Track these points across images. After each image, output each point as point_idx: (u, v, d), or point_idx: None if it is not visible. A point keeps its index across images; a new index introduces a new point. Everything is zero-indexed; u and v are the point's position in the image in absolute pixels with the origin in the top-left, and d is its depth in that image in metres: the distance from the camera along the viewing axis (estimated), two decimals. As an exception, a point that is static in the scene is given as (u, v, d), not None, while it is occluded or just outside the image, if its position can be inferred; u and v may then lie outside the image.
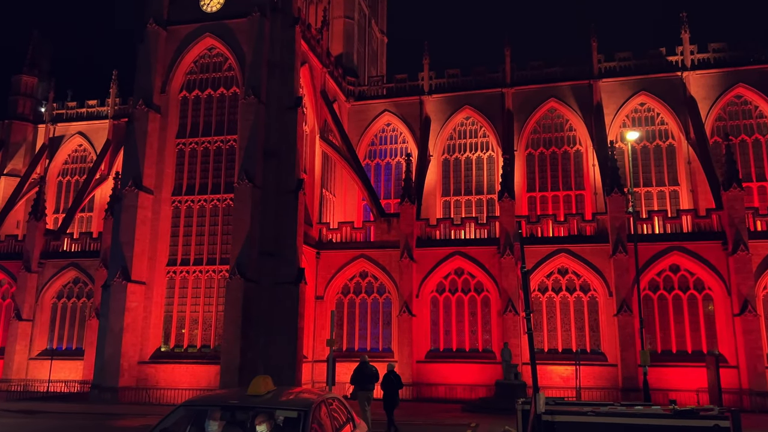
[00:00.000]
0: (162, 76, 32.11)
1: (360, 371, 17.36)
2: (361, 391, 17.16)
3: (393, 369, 17.79)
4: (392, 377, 17.66)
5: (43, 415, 22.42)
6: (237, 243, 28.32)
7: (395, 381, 17.68)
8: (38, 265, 37.56)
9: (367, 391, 17.11)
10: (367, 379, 17.21)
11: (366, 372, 17.31)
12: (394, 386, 17.56)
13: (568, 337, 31.81)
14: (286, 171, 29.83)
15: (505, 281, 31.45)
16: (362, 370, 17.35)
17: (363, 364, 17.46)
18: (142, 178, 30.31)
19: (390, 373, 17.68)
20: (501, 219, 32.40)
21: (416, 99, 41.34)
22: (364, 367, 17.40)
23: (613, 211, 31.16)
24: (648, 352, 21.96)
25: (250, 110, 29.61)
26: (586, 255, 31.77)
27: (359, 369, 17.44)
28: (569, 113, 39.49)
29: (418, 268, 33.08)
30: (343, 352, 33.59)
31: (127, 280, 28.87)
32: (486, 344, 32.55)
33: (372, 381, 17.31)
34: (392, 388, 17.53)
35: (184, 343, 30.03)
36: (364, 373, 17.31)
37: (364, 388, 17.08)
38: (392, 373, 17.71)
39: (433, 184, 40.19)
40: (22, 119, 46.54)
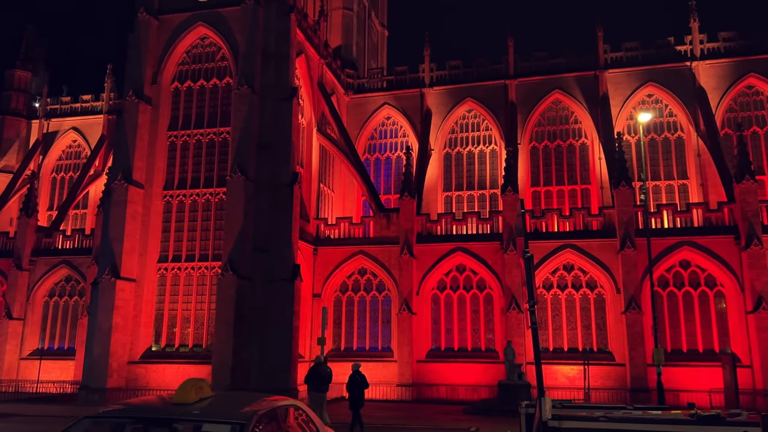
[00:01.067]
0: (153, 67, 31.10)
1: (315, 372, 16.90)
2: (314, 393, 16.74)
3: (358, 369, 17.41)
4: (358, 377, 17.27)
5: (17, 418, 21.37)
6: (229, 238, 27.28)
7: (361, 381, 17.30)
8: (29, 263, 36.60)
9: (320, 392, 16.73)
10: (321, 380, 16.77)
11: (321, 373, 16.89)
12: (360, 387, 17.17)
13: (574, 335, 30.67)
14: (280, 164, 28.78)
15: (509, 278, 30.34)
16: (317, 371, 16.89)
17: (318, 364, 17.01)
18: (132, 171, 29.30)
19: (356, 373, 17.27)
20: (504, 214, 31.29)
21: (417, 92, 40.23)
22: (320, 368, 16.96)
23: (620, 205, 30.00)
24: (662, 351, 20.80)
25: (244, 101, 28.57)
26: (593, 250, 30.63)
27: (314, 369, 16.96)
28: (574, 105, 38.32)
29: (418, 265, 31.99)
30: (341, 351, 32.57)
31: (116, 277, 27.87)
32: (489, 343, 31.44)
33: (326, 383, 16.91)
34: (358, 388, 17.17)
35: (175, 343, 29.03)
36: (319, 374, 16.86)
37: (318, 389, 16.67)
38: (358, 373, 17.31)
39: (434, 179, 39.08)
40: (15, 114, 45.60)
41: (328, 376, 17.22)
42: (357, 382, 17.24)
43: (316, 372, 17.04)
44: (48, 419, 20.86)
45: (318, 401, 16.88)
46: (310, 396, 17.13)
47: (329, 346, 32.69)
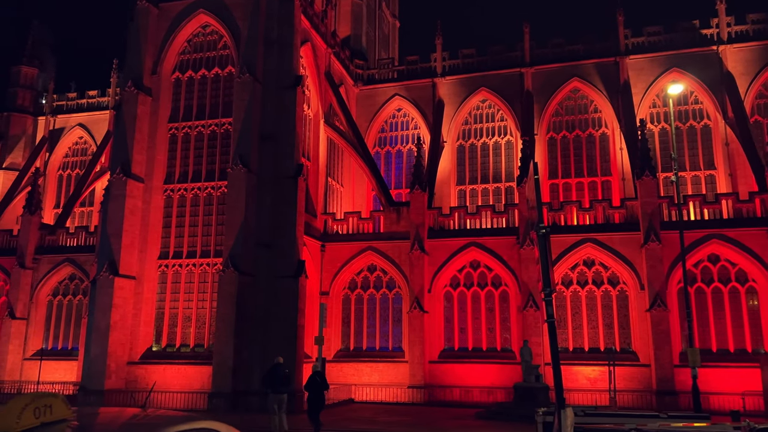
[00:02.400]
0: (153, 57, 30.00)
1: (272, 373, 16.45)
2: (272, 394, 16.30)
3: (318, 369, 16.93)
4: (318, 378, 16.75)
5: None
6: (230, 233, 26.06)
7: (321, 382, 16.78)
8: (33, 261, 35.72)
9: (279, 394, 16.31)
10: (279, 381, 16.36)
11: (279, 374, 16.43)
12: (320, 388, 16.66)
13: (595, 334, 29.00)
14: (284, 155, 27.50)
15: (525, 274, 28.75)
16: (275, 372, 16.43)
17: (276, 366, 16.57)
18: (131, 165, 28.21)
19: (315, 374, 16.75)
20: (520, 207, 29.67)
21: (429, 82, 38.72)
22: (278, 369, 16.50)
23: (644, 196, 28.27)
24: (697, 351, 18.97)
25: (245, 89, 27.33)
26: (615, 245, 28.93)
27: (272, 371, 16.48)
28: (594, 93, 36.55)
29: (430, 261, 30.53)
30: (351, 351, 31.24)
31: (114, 275, 26.78)
32: (505, 343, 29.87)
33: (285, 384, 16.52)
34: (318, 389, 16.68)
35: (176, 342, 27.88)
36: (277, 376, 16.42)
37: (277, 390, 16.27)
38: (318, 374, 16.79)
39: (447, 172, 37.56)
40: (21, 111, 44.95)
41: (286, 377, 16.72)
42: (317, 383, 16.66)
43: (274, 373, 16.53)
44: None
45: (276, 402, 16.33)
46: (269, 398, 16.50)
47: (337, 346, 31.38)
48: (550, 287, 5.60)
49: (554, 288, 5.52)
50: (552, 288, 5.55)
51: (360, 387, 29.67)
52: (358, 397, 29.30)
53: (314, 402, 16.66)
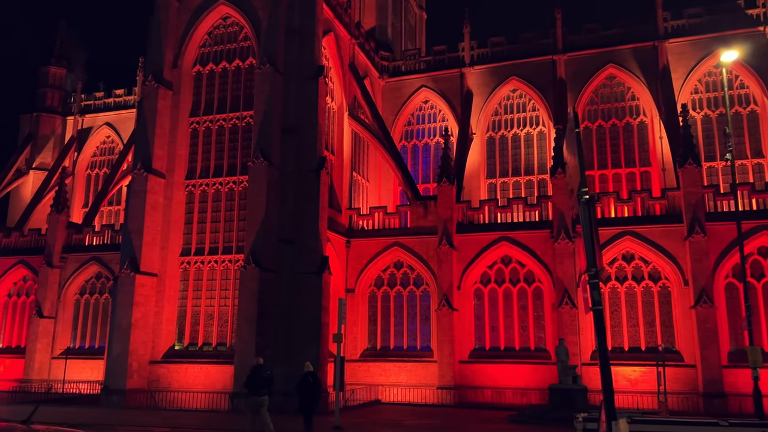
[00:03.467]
0: (174, 50, 29.45)
1: (254, 375, 15.97)
2: (253, 396, 15.87)
3: (310, 370, 16.42)
4: (310, 379, 16.26)
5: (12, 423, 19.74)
6: (251, 229, 25.28)
7: (314, 383, 16.28)
8: (60, 260, 35.61)
9: (259, 396, 15.77)
10: (261, 383, 15.85)
11: (260, 376, 15.93)
12: (312, 388, 16.17)
13: (635, 333, 27.38)
14: (306, 148, 26.61)
15: (560, 270, 27.32)
16: (257, 373, 15.96)
17: (257, 367, 16.11)
18: (152, 160, 27.69)
19: (307, 374, 16.26)
20: (554, 199, 28.25)
21: (457, 72, 37.42)
22: (259, 370, 16.01)
23: (687, 186, 26.57)
24: (759, 349, 17.27)
25: (266, 80, 26.53)
26: (656, 238, 27.26)
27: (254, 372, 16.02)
28: (631, 80, 34.77)
29: (459, 257, 29.29)
30: (378, 351, 30.22)
31: (135, 272, 26.28)
32: (539, 342, 28.46)
33: (266, 386, 15.96)
34: (309, 390, 16.20)
35: (198, 341, 27.24)
36: (258, 377, 15.90)
37: (257, 393, 15.76)
38: (310, 374, 16.30)
39: (476, 166, 36.22)
40: (50, 112, 45.14)
41: (268, 379, 16.12)
42: (308, 384, 16.18)
43: (256, 375, 15.99)
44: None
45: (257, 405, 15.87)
46: (248, 401, 16.10)
47: (364, 346, 30.40)
48: (596, 267, 4.43)
49: (602, 268, 4.35)
50: (599, 268, 4.40)
51: (387, 387, 28.63)
52: (386, 398, 28.26)
53: (306, 404, 16.22)
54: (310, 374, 16.37)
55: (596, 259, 4.45)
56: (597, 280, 4.54)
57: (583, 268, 4.62)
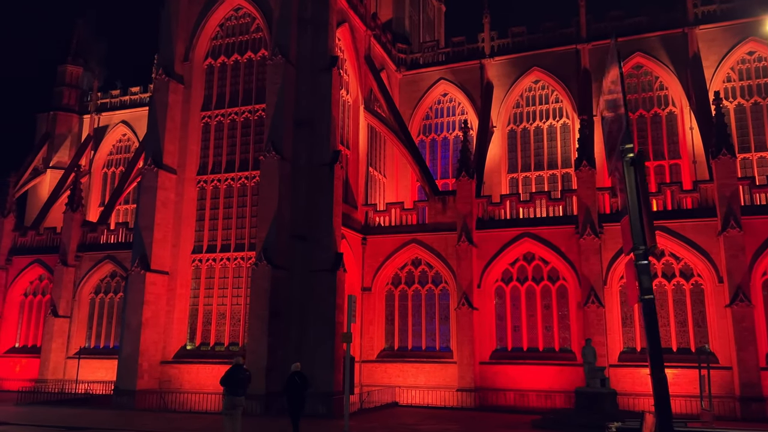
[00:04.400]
0: (185, 43, 28.78)
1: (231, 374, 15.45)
2: (229, 396, 15.29)
3: (298, 370, 15.95)
4: (297, 379, 15.80)
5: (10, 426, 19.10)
6: (263, 225, 24.45)
7: (301, 384, 15.80)
8: (75, 259, 35.24)
9: (235, 396, 15.25)
10: (238, 383, 15.33)
11: (238, 376, 15.41)
12: (300, 389, 15.68)
13: (666, 333, 25.97)
14: (320, 142, 25.72)
15: (586, 267, 26.04)
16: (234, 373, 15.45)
17: (236, 367, 15.59)
18: (163, 155, 27.05)
19: (295, 373, 15.81)
20: (579, 192, 26.97)
21: (476, 63, 36.24)
22: (237, 370, 15.50)
23: (721, 178, 25.10)
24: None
25: (278, 72, 25.70)
26: (687, 233, 25.83)
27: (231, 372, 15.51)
28: (659, 69, 33.26)
29: (479, 254, 28.16)
30: (395, 351, 29.22)
31: (145, 270, 25.63)
32: (564, 342, 27.21)
33: (243, 386, 15.48)
34: (297, 390, 15.69)
35: (210, 341, 26.50)
36: (235, 377, 15.39)
37: (234, 393, 15.22)
38: (297, 373, 15.85)
39: (497, 160, 35.01)
40: (67, 110, 44.95)
41: (246, 379, 15.60)
42: (296, 384, 15.72)
43: (233, 375, 15.45)
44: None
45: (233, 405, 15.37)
46: (225, 401, 15.53)
47: (381, 346, 29.42)
48: (646, 245, 3.38)
49: (654, 245, 3.30)
50: (650, 246, 3.35)
51: (405, 389, 27.62)
52: (404, 400, 27.26)
53: (294, 404, 15.66)
54: (297, 374, 15.90)
55: (646, 235, 3.40)
56: (647, 262, 3.48)
57: (628, 248, 3.56)
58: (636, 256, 3.43)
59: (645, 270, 3.39)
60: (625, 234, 3.65)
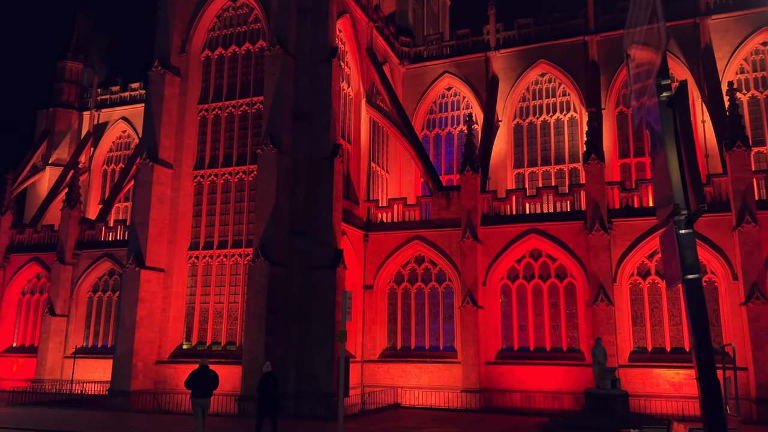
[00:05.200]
0: (182, 34, 28.09)
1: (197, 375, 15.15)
2: (194, 398, 15.10)
3: (269, 370, 15.75)
4: (270, 380, 15.55)
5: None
6: (261, 220, 23.70)
7: (274, 384, 15.58)
8: (73, 256, 34.60)
9: (201, 398, 15.04)
10: (204, 385, 15.07)
11: (204, 377, 15.14)
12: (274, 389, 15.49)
13: (678, 332, 25.06)
14: (319, 135, 24.96)
15: (595, 264, 25.15)
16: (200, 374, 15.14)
17: (202, 368, 15.30)
18: (158, 149, 26.34)
19: (268, 375, 15.59)
20: (587, 187, 26.08)
21: (481, 56, 35.37)
22: (203, 371, 15.21)
23: (735, 171, 24.16)
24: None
25: (276, 63, 24.94)
26: (700, 228, 24.78)
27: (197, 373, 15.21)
28: (670, 60, 32.17)
29: (484, 251, 27.31)
30: (398, 351, 28.42)
31: (140, 267, 24.93)
32: (572, 342, 26.34)
33: (210, 388, 15.21)
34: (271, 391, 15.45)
35: (207, 340, 25.77)
36: (201, 379, 15.11)
37: (200, 395, 15.02)
38: (269, 374, 15.62)
39: (502, 155, 34.14)
40: (66, 107, 44.38)
41: (212, 380, 15.26)
42: (269, 385, 15.48)
43: (199, 376, 15.10)
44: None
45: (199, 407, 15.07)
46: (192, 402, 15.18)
47: (383, 345, 28.63)
48: (689, 206, 2.55)
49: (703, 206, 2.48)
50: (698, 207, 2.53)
51: (408, 390, 26.83)
52: (406, 401, 26.46)
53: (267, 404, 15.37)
54: (269, 375, 15.65)
55: (690, 195, 2.59)
56: (690, 231, 2.66)
57: (664, 215, 2.74)
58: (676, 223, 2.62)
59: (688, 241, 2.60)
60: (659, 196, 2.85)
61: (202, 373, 15.12)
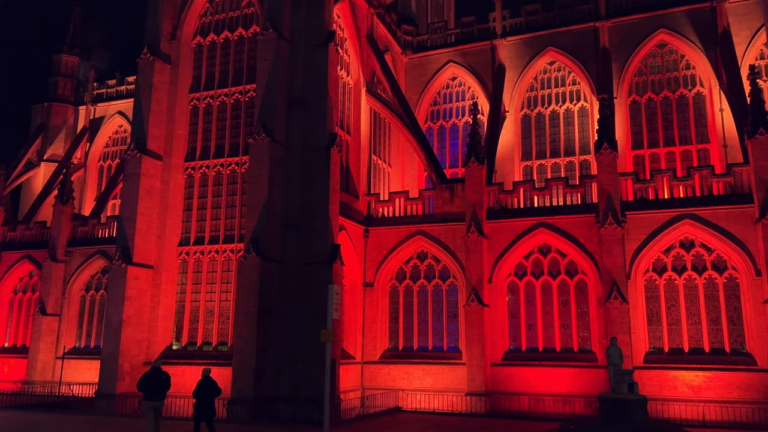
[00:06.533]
0: (173, 20, 26.86)
1: (149, 378, 14.74)
2: (147, 401, 14.69)
3: (209, 374, 15.29)
4: (208, 383, 15.07)
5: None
6: (252, 213, 22.40)
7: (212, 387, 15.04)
8: (65, 254, 33.41)
9: (154, 401, 14.67)
10: (156, 387, 14.68)
11: (156, 379, 14.75)
12: (210, 393, 14.93)
13: (697, 332, 23.55)
14: (315, 123, 23.64)
15: (608, 259, 23.69)
16: (152, 376, 14.76)
17: (154, 370, 14.96)
18: (147, 140, 25.11)
19: (206, 378, 15.10)
20: (600, 178, 24.61)
21: (487, 44, 33.95)
22: (156, 373, 14.85)
23: (758, 159, 22.67)
24: None
25: (269, 47, 23.64)
26: (720, 221, 23.40)
27: (149, 375, 14.80)
28: (685, 47, 30.76)
29: (490, 246, 25.92)
30: (400, 352, 27.07)
31: (127, 263, 23.70)
32: (583, 342, 24.89)
33: (163, 390, 14.83)
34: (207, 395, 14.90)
35: (198, 340, 24.51)
36: (154, 381, 14.70)
37: (152, 397, 14.64)
38: (209, 378, 15.15)
39: (509, 147, 32.70)
40: (62, 101, 43.31)
41: (166, 382, 14.88)
42: (206, 388, 14.98)
43: (151, 378, 14.70)
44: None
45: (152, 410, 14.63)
46: (145, 406, 14.75)
47: (384, 346, 27.28)
48: None
49: None
50: None
51: (410, 393, 25.46)
52: (408, 404, 25.08)
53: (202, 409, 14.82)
54: (207, 378, 15.08)
55: None
56: None
57: None
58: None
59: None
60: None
61: (154, 375, 14.73)
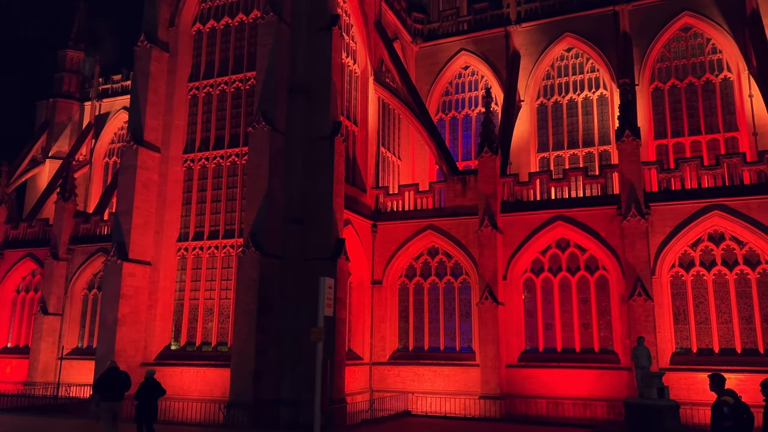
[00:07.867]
0: (171, 6, 25.79)
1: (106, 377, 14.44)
2: (104, 402, 14.29)
3: (153, 375, 14.85)
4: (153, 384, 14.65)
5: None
6: (252, 206, 21.20)
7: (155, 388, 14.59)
8: (67, 252, 32.49)
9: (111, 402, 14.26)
10: (114, 387, 14.32)
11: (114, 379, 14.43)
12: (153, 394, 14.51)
13: (728, 331, 21.93)
14: (318, 111, 22.39)
15: (630, 254, 22.17)
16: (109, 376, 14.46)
17: (112, 369, 14.71)
18: (144, 131, 24.03)
19: (149, 380, 14.71)
20: (621, 167, 23.08)
21: (501, 31, 32.51)
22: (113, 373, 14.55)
23: (794, 145, 20.99)
24: None
25: (269, 32, 22.43)
26: (752, 212, 21.78)
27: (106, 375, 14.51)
28: (711, 30, 29.09)
29: (504, 241, 24.49)
30: (410, 352, 25.74)
31: (122, 259, 22.64)
32: (604, 342, 23.37)
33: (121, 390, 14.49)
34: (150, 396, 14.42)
35: (197, 340, 23.38)
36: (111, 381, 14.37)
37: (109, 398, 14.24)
38: (152, 379, 14.73)
39: (525, 137, 31.23)
40: (67, 97, 42.58)
41: (125, 382, 14.54)
42: (148, 389, 14.54)
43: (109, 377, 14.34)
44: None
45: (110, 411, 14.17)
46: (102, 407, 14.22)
47: (394, 346, 25.97)
48: None
49: None
50: None
51: (421, 396, 24.12)
52: (418, 408, 23.74)
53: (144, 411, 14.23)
54: (151, 380, 14.66)
55: None
56: None
57: None
58: None
59: None
60: None
61: (111, 374, 14.34)
